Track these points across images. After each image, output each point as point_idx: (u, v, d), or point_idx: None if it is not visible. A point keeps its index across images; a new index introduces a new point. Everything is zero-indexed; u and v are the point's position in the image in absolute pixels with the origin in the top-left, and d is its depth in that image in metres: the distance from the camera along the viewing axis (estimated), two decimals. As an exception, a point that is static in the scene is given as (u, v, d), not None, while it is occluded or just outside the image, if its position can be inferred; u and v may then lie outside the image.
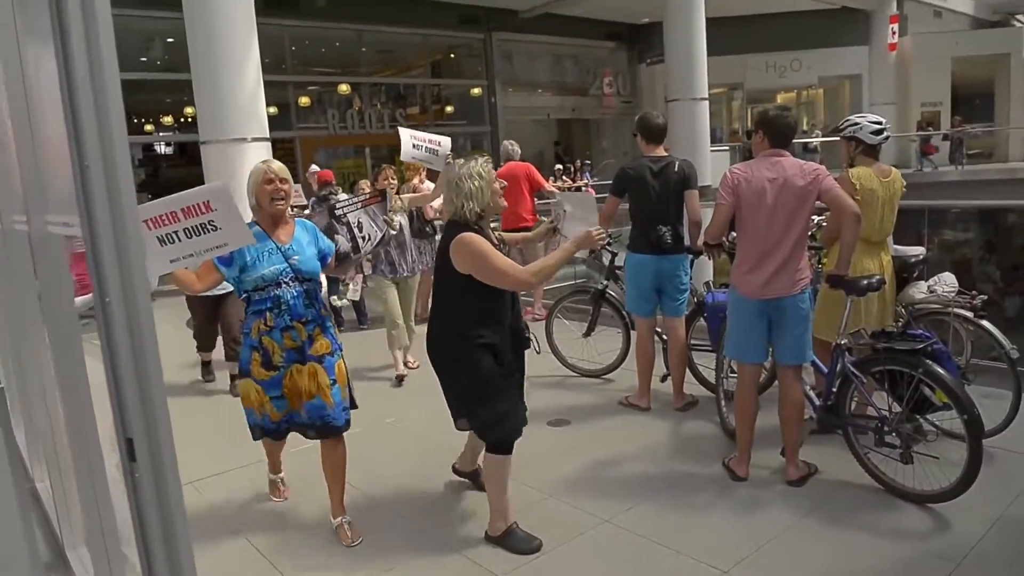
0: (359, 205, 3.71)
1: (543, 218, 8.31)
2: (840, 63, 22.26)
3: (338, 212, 3.69)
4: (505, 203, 3.22)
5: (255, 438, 3.38)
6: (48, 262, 2.26)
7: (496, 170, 8.18)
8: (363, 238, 3.72)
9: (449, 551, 3.16)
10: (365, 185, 6.61)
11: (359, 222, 3.68)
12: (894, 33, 21.74)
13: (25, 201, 2.36)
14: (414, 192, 7.64)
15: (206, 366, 6.04)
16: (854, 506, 3.31)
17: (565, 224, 3.50)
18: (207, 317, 5.63)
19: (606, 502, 3.48)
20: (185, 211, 2.63)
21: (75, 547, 2.93)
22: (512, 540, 3.11)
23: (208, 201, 2.64)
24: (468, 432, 3.46)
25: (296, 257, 3.15)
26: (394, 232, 5.40)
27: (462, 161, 3.04)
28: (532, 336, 3.27)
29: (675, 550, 3.03)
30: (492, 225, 3.22)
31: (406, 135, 5.35)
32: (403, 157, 5.33)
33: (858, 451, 3.47)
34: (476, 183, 2.97)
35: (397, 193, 6.22)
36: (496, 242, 3.11)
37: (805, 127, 21.77)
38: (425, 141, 5.31)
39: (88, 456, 2.16)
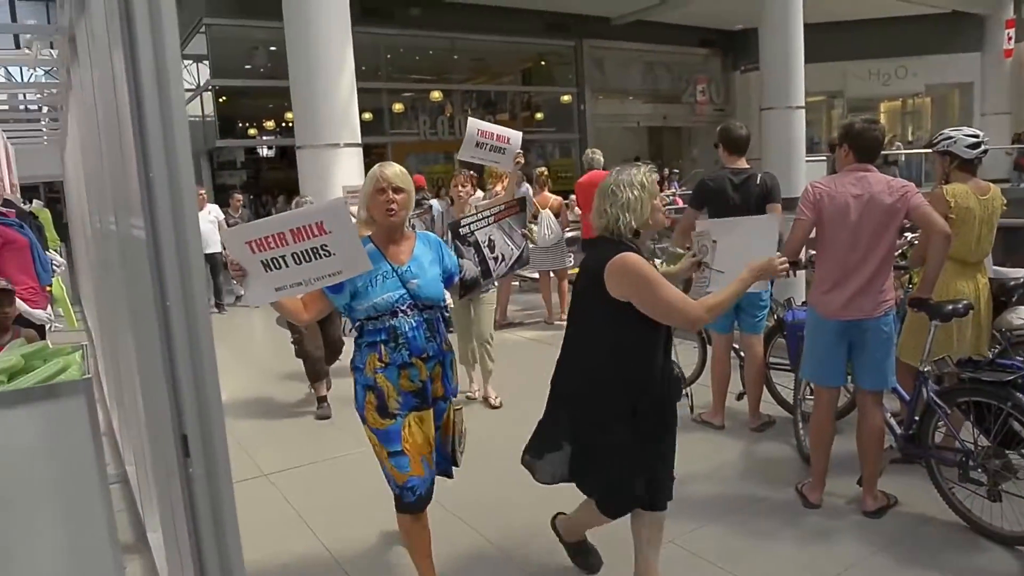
0: (490, 220, 3.16)
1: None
2: (950, 70, 21.06)
3: (463, 231, 3.12)
4: (667, 220, 2.95)
5: (399, 510, 2.72)
6: (132, 262, 2.41)
7: (578, 180, 8.15)
8: (495, 259, 3.16)
9: None
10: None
11: (490, 240, 3.15)
12: (1010, 39, 20.41)
13: (114, 204, 2.52)
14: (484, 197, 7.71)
15: (321, 402, 5.23)
16: (935, 544, 3.12)
17: (716, 256, 2.94)
18: (309, 333, 5.03)
19: (671, 522, 3.34)
20: (295, 233, 2.25)
21: (154, 530, 3.10)
22: None
23: (322, 222, 2.25)
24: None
25: (415, 281, 2.61)
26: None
27: (618, 169, 2.61)
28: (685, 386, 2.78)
29: (732, 573, 2.93)
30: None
31: (473, 128, 4.43)
32: (461, 155, 4.29)
33: (941, 485, 3.26)
34: (636, 193, 2.50)
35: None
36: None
37: (911, 138, 20.71)
38: (492, 137, 4.41)
39: (163, 448, 2.29)
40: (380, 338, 2.59)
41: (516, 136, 4.30)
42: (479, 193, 7.45)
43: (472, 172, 5.47)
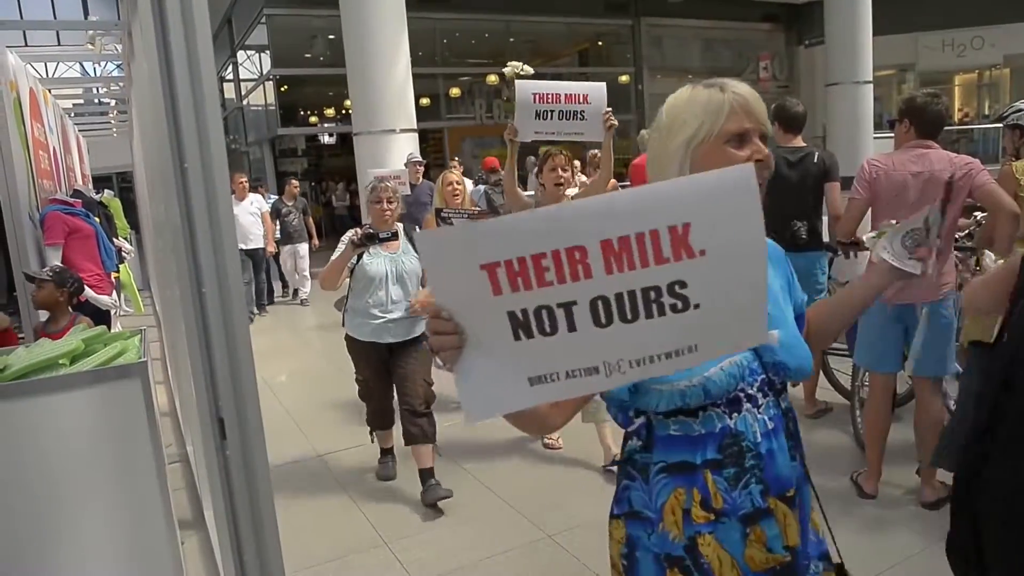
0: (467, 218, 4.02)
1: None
2: (1032, 39, 19.87)
3: (445, 214, 3.72)
4: None
5: None
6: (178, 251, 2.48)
7: (633, 161, 8.00)
8: None
9: None
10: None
11: None
12: (1100, 2, 19.11)
13: (165, 193, 2.60)
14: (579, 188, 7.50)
15: (385, 455, 4.01)
16: (997, 537, 2.99)
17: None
18: (377, 371, 3.78)
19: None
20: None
21: (209, 508, 3.23)
22: None
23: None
24: None
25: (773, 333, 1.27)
26: None
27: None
28: None
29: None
30: None
31: (525, 94, 3.35)
32: (522, 136, 3.37)
33: (1007, 476, 3.12)
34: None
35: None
36: None
37: (987, 112, 19.68)
38: (558, 100, 3.31)
39: (205, 431, 2.38)
40: (701, 452, 1.26)
41: (597, 89, 3.27)
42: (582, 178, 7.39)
43: (565, 154, 3.69)
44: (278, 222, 9.33)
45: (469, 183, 6.27)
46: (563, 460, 4.02)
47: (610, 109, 3.35)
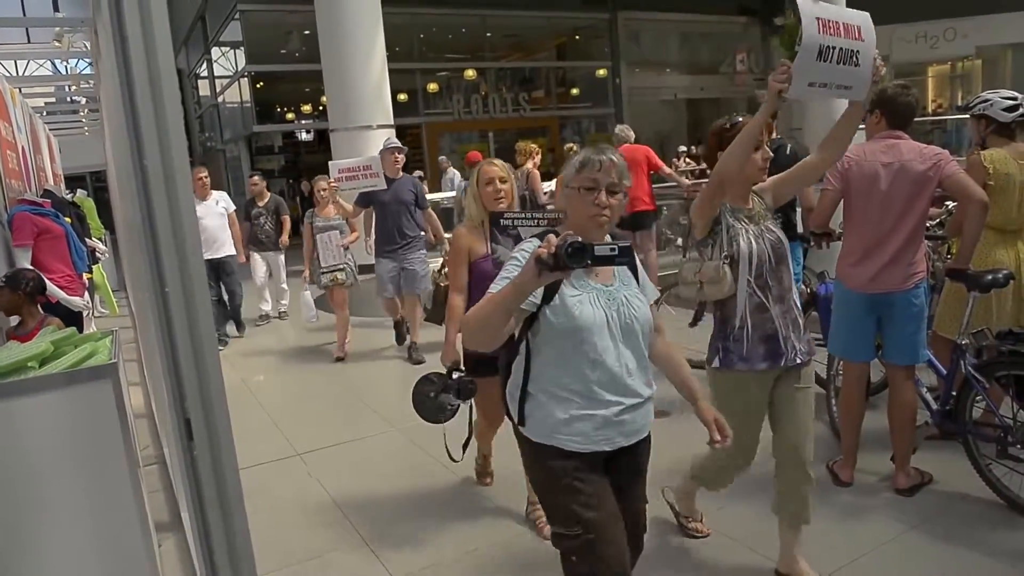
0: (542, 223, 2.63)
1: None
2: (1002, 31, 20.01)
3: (504, 223, 2.71)
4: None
5: None
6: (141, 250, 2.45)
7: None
8: None
9: None
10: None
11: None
12: (1070, -7, 19.37)
13: (131, 192, 2.56)
14: (528, 179, 7.66)
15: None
16: (970, 521, 3.03)
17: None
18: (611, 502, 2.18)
19: (697, 499, 3.37)
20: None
21: (185, 509, 3.20)
22: None
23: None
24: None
25: None
26: None
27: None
28: None
29: (763, 555, 2.89)
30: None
31: (810, 15, 2.28)
32: (794, 92, 2.26)
33: (979, 461, 3.16)
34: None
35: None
36: None
37: (959, 103, 19.90)
38: (841, 33, 2.33)
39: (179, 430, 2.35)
40: None
41: (866, 20, 2.42)
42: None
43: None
44: (248, 225, 7.84)
45: (456, 176, 6.05)
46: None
47: (877, 52, 2.42)
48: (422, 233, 6.18)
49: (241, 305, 7.43)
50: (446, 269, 3.74)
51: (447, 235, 5.88)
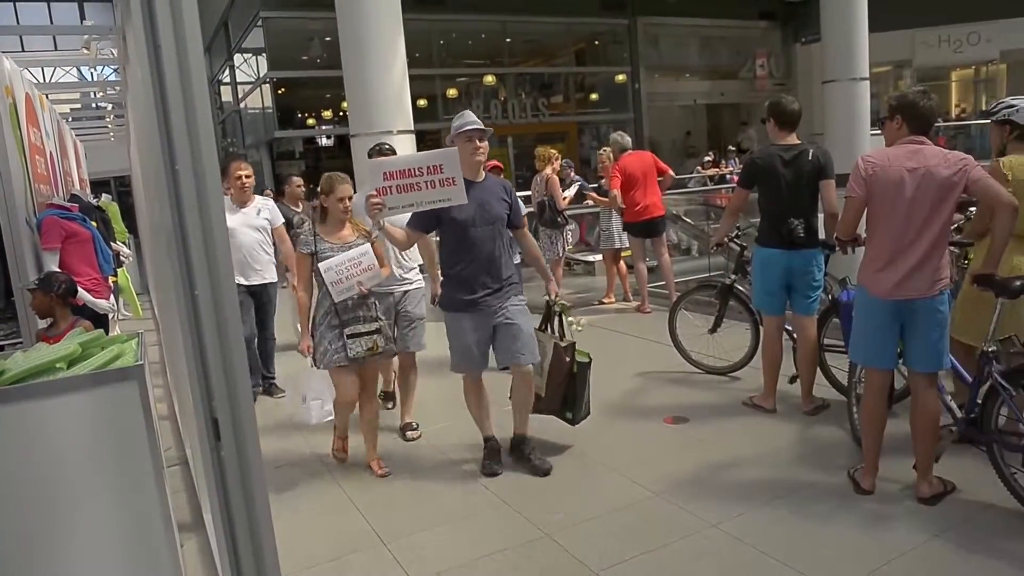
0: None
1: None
2: (1027, 34, 19.86)
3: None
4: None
5: None
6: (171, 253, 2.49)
7: (614, 163, 8.03)
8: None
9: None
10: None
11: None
12: (1098, -3, 19.11)
13: (158, 196, 2.61)
14: (547, 184, 7.69)
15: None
16: (993, 531, 3.00)
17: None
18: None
19: (716, 506, 3.36)
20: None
21: (208, 510, 3.23)
22: None
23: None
24: None
25: None
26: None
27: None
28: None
29: (782, 562, 2.87)
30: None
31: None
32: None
33: (1003, 470, 3.12)
34: None
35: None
36: None
37: (983, 108, 19.67)
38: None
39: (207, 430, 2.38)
40: None
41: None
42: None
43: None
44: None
45: None
46: (562, 459, 4.02)
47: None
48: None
49: (271, 357, 5.68)
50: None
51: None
